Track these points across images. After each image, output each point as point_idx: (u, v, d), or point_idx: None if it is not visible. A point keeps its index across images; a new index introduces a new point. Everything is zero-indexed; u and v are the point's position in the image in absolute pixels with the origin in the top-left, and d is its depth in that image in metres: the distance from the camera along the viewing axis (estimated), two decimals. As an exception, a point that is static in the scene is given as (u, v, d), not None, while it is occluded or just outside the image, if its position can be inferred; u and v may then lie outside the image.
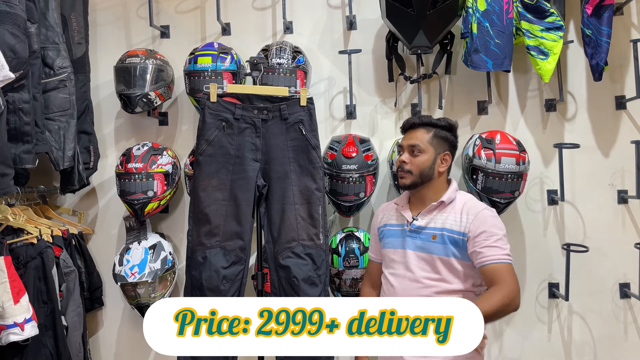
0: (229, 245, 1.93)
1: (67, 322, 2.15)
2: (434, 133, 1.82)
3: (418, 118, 1.86)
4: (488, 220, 1.70)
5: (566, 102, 2.40)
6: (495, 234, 1.67)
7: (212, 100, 1.96)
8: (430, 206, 1.79)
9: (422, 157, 1.79)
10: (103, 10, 2.62)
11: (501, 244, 1.66)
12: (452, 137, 1.85)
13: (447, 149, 1.83)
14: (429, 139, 1.81)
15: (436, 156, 1.81)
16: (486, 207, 1.76)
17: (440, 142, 1.82)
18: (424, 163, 1.79)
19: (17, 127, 1.87)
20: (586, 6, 2.14)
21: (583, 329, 2.39)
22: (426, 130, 1.82)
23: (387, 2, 2.15)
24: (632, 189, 2.31)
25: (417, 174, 1.79)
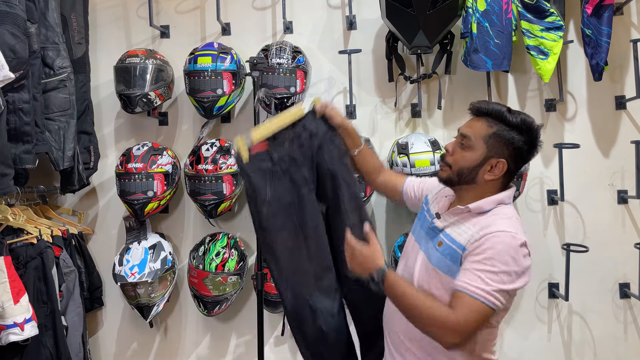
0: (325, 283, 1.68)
1: (67, 322, 2.15)
2: (497, 130, 1.39)
3: (487, 105, 1.43)
4: (497, 246, 1.32)
5: (566, 102, 2.40)
6: (492, 264, 1.30)
7: (246, 160, 1.64)
8: (456, 209, 1.44)
9: (467, 154, 1.41)
10: (103, 10, 2.62)
11: (489, 277, 1.29)
12: (522, 142, 1.39)
13: (505, 156, 1.38)
14: (485, 135, 1.39)
15: (486, 159, 1.39)
16: (510, 232, 1.35)
17: (498, 143, 1.38)
18: (465, 161, 1.41)
19: (17, 127, 1.87)
20: (586, 6, 2.14)
21: (583, 329, 2.38)
22: (489, 123, 1.40)
23: (387, 2, 2.15)
24: (632, 189, 2.31)
25: (454, 171, 1.43)
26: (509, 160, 1.39)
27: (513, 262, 1.33)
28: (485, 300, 1.28)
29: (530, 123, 1.40)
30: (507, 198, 1.44)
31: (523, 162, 1.45)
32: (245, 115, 2.53)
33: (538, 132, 1.41)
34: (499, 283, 1.29)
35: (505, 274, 1.31)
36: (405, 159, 2.16)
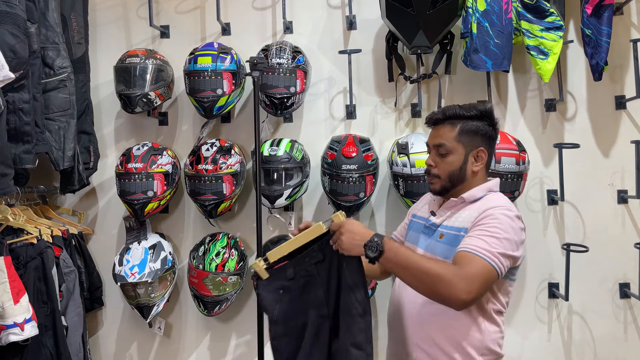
0: None
1: (67, 322, 2.15)
2: (461, 128, 1.50)
3: (440, 111, 1.55)
4: (499, 217, 1.38)
5: (566, 102, 2.40)
6: (492, 230, 1.35)
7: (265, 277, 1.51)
8: (450, 202, 1.53)
9: (450, 159, 1.51)
10: (103, 10, 2.62)
11: (490, 239, 1.33)
12: (487, 126, 1.52)
13: (481, 144, 1.51)
14: (455, 135, 1.50)
15: (467, 154, 1.50)
16: (508, 208, 1.43)
17: (470, 137, 1.50)
18: (452, 165, 1.51)
19: (17, 127, 1.87)
20: (586, 6, 2.14)
21: (583, 329, 2.38)
22: (451, 125, 1.51)
23: (387, 2, 2.15)
24: (632, 189, 2.31)
25: (445, 178, 1.52)
26: (484, 145, 1.52)
27: (512, 231, 1.38)
28: (490, 260, 1.30)
29: (483, 107, 1.53)
30: (494, 186, 1.54)
31: (494, 141, 1.57)
32: (245, 115, 2.53)
33: (491, 110, 1.54)
34: (502, 248, 1.33)
35: (507, 240, 1.35)
36: (405, 159, 2.16)
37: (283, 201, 2.26)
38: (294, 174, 2.29)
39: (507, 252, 1.35)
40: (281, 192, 2.24)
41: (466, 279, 1.27)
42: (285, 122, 2.51)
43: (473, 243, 1.33)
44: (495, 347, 1.48)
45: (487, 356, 1.46)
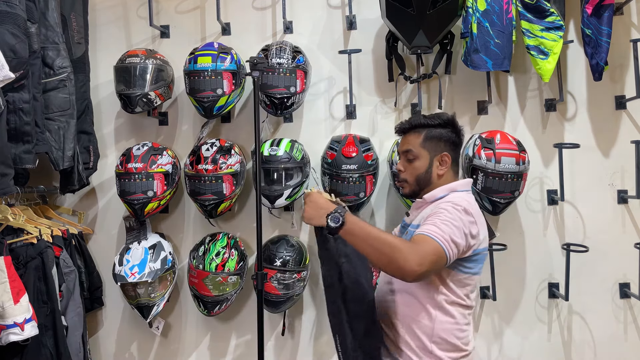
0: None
1: (67, 322, 2.15)
2: (425, 135, 1.64)
3: (407, 121, 1.70)
4: (447, 207, 1.49)
5: (566, 102, 2.40)
6: (442, 218, 1.45)
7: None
8: (416, 203, 1.67)
9: (416, 164, 1.64)
10: (103, 10, 2.62)
11: (441, 225, 1.42)
12: (450, 133, 1.65)
13: (445, 149, 1.64)
14: (420, 142, 1.64)
15: (432, 159, 1.64)
16: (458, 203, 1.51)
17: (434, 143, 1.64)
18: (418, 169, 1.64)
19: (17, 127, 1.86)
20: (586, 6, 2.14)
21: (583, 329, 2.38)
22: (417, 133, 1.66)
23: (387, 2, 2.15)
24: (632, 189, 2.31)
25: (413, 182, 1.66)
26: (448, 150, 1.64)
27: (460, 221, 1.46)
28: (441, 242, 1.40)
29: (445, 116, 1.67)
30: (459, 186, 1.63)
31: (458, 147, 1.69)
32: (245, 115, 2.53)
33: (454, 119, 1.68)
34: (452, 234, 1.42)
35: (456, 228, 1.44)
36: (405, 159, 2.17)
37: (283, 201, 2.26)
38: (294, 174, 2.29)
39: (456, 238, 1.43)
40: (281, 192, 2.24)
41: (419, 254, 1.36)
42: (285, 122, 2.51)
43: (427, 228, 1.43)
44: (453, 339, 1.56)
45: (441, 345, 1.55)
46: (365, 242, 1.40)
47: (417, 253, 1.36)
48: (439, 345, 1.55)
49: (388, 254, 1.36)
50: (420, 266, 1.35)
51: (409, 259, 1.34)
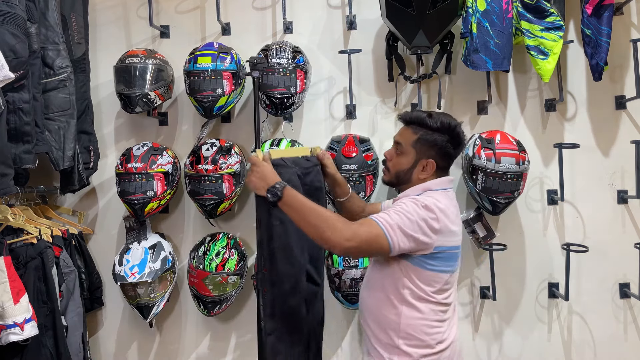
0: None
1: (67, 322, 2.15)
2: (421, 135, 1.61)
3: (410, 115, 1.66)
4: (407, 202, 1.53)
5: (566, 102, 2.40)
6: (396, 209, 1.50)
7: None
8: (394, 199, 1.71)
9: (401, 159, 1.64)
10: (103, 10, 2.62)
11: (392, 214, 1.48)
12: (446, 142, 1.60)
13: (432, 156, 1.60)
14: (413, 141, 1.62)
15: (417, 161, 1.62)
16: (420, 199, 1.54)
17: (425, 146, 1.61)
18: (401, 165, 1.64)
19: (17, 127, 1.87)
20: (586, 6, 2.14)
21: (583, 329, 2.39)
22: (414, 130, 1.63)
23: (387, 2, 2.15)
24: (632, 189, 2.31)
25: (393, 174, 1.67)
26: (436, 158, 1.61)
27: (417, 215, 1.49)
28: (383, 226, 1.46)
29: (449, 123, 1.61)
30: (434, 185, 1.61)
31: (452, 158, 1.66)
32: (245, 115, 2.53)
33: (457, 129, 1.62)
34: (401, 223, 1.47)
35: (408, 220, 1.47)
36: (405, 159, 2.17)
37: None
38: (294, 174, 2.29)
39: (407, 229, 1.47)
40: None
41: (353, 231, 1.45)
42: (285, 122, 2.51)
43: (377, 215, 1.50)
44: (421, 335, 1.56)
45: (409, 341, 1.56)
46: (300, 215, 1.50)
47: (351, 230, 1.45)
48: (405, 341, 1.56)
49: (320, 226, 1.46)
50: (349, 241, 1.44)
51: (341, 232, 1.44)
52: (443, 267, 1.57)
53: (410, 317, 1.56)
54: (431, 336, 1.57)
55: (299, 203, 1.52)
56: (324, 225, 1.46)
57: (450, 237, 1.56)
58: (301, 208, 1.51)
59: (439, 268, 1.56)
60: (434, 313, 1.58)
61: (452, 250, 1.58)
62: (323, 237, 1.46)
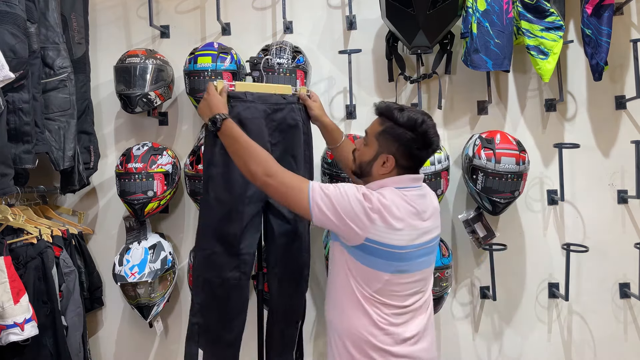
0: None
1: (67, 322, 2.15)
2: (385, 128, 1.53)
3: (381, 106, 1.58)
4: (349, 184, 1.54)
5: (566, 102, 2.40)
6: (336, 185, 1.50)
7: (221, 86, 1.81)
8: None
9: (365, 150, 1.58)
10: (103, 10, 2.62)
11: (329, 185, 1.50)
12: (411, 141, 1.51)
13: (393, 152, 1.52)
14: (377, 133, 1.55)
15: (377, 155, 1.54)
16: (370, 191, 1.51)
17: (387, 141, 1.53)
18: (363, 156, 1.58)
19: (17, 127, 1.86)
20: (586, 6, 2.14)
21: (583, 329, 2.39)
22: (381, 122, 1.56)
23: (387, 2, 2.15)
24: (632, 189, 2.31)
25: (357, 165, 1.62)
26: (397, 156, 1.52)
27: (346, 197, 1.46)
28: (311, 186, 1.48)
29: (415, 120, 1.50)
30: (391, 182, 1.54)
31: (416, 158, 1.55)
32: (245, 115, 2.52)
33: (423, 127, 1.50)
34: (331, 194, 1.46)
35: (341, 195, 1.46)
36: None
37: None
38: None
39: (334, 201, 1.46)
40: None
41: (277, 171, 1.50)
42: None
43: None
44: (368, 336, 1.50)
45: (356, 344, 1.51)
46: (233, 147, 1.56)
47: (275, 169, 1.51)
48: (353, 344, 1.52)
49: (248, 159, 1.52)
50: (269, 177, 1.49)
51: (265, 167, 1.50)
52: (380, 265, 1.49)
53: (352, 316, 1.52)
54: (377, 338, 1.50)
55: (234, 136, 1.56)
56: (252, 159, 1.52)
57: (388, 233, 1.47)
58: (236, 140, 1.56)
59: (374, 265, 1.49)
60: (379, 316, 1.51)
61: (390, 249, 1.48)
62: (249, 168, 1.52)
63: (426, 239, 1.56)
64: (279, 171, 1.52)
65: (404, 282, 1.53)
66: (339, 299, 1.58)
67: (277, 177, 1.50)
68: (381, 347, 1.50)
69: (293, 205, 1.53)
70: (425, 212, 1.56)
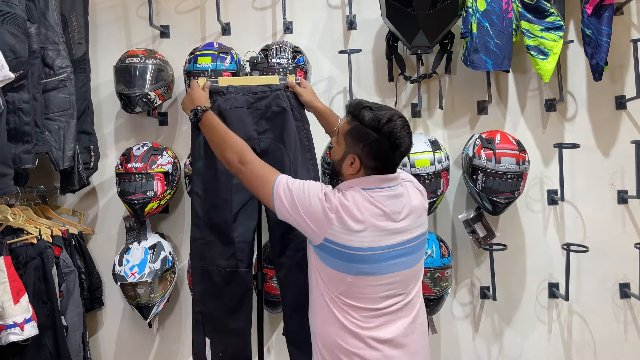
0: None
1: (67, 322, 2.15)
2: (352, 127, 1.49)
3: (351, 103, 1.53)
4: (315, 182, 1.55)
5: (566, 102, 2.40)
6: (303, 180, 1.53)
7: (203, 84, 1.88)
8: None
9: (335, 149, 1.56)
10: (103, 10, 2.62)
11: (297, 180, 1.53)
12: (374, 139, 1.45)
13: (359, 152, 1.47)
14: (345, 132, 1.51)
15: (345, 155, 1.51)
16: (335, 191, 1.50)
17: (353, 140, 1.48)
18: (334, 155, 1.56)
19: (17, 127, 1.86)
20: (586, 6, 2.14)
21: (583, 329, 2.39)
22: (349, 121, 1.52)
23: (387, 2, 2.15)
24: (632, 189, 2.31)
25: (332, 164, 1.60)
26: (362, 156, 1.47)
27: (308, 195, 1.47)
28: (278, 178, 1.52)
29: (379, 119, 1.43)
30: (357, 183, 1.50)
31: (382, 159, 1.48)
32: (245, 115, 2.52)
33: (387, 128, 1.43)
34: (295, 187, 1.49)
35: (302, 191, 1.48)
36: (405, 159, 2.16)
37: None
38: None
39: (294, 196, 1.48)
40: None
41: (250, 161, 1.55)
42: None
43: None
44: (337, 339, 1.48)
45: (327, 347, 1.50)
46: (211, 136, 1.65)
47: (249, 158, 1.56)
48: (325, 346, 1.52)
49: (225, 147, 1.59)
50: (242, 164, 1.55)
51: (240, 155, 1.56)
52: (340, 266, 1.47)
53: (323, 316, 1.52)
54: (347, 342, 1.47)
55: (213, 125, 1.64)
56: (228, 147, 1.58)
57: (346, 234, 1.44)
58: (215, 130, 1.64)
59: (336, 266, 1.47)
60: (346, 319, 1.48)
61: (349, 251, 1.45)
62: (225, 157, 1.59)
63: (400, 240, 1.49)
64: (253, 161, 1.56)
65: (373, 284, 1.48)
66: (312, 300, 1.59)
67: (249, 165, 1.55)
68: (351, 350, 1.46)
69: (261, 196, 1.57)
70: (399, 213, 1.49)
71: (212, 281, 1.83)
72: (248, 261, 1.88)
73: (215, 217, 1.85)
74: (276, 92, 1.87)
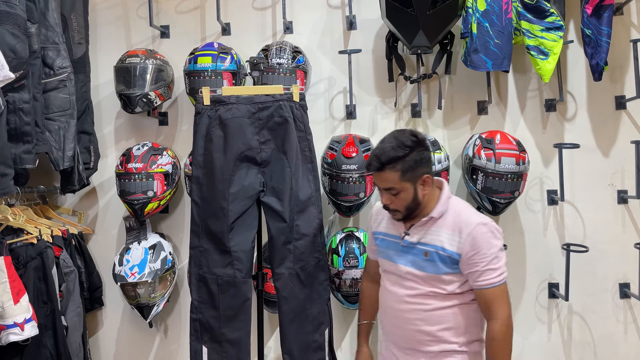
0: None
1: (67, 322, 2.15)
2: (402, 168, 1.61)
3: (378, 160, 1.64)
4: (481, 238, 1.60)
5: (566, 102, 2.40)
6: (489, 254, 1.59)
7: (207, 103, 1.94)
8: (421, 222, 1.69)
9: (402, 196, 1.64)
10: (103, 10, 2.62)
11: (495, 263, 1.59)
12: (421, 154, 1.64)
13: (424, 171, 1.65)
14: (399, 177, 1.62)
15: (416, 187, 1.64)
16: (480, 221, 1.63)
17: (412, 172, 1.62)
18: (405, 200, 1.65)
19: (17, 127, 1.87)
20: (586, 6, 2.14)
21: (583, 329, 2.39)
22: (392, 169, 1.62)
23: (387, 2, 2.15)
24: (632, 189, 2.31)
25: (403, 211, 1.68)
26: (425, 170, 1.65)
27: (496, 240, 1.62)
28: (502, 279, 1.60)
29: (410, 140, 1.63)
30: (446, 189, 1.72)
31: (431, 161, 1.73)
32: (245, 115, 2.52)
33: (418, 139, 1.64)
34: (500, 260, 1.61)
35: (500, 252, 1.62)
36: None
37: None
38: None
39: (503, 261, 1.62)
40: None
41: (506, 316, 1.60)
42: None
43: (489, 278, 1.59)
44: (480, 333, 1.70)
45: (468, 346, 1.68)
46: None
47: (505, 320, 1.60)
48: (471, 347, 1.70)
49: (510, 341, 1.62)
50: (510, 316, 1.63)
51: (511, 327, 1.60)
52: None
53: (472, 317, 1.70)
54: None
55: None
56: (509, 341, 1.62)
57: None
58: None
59: None
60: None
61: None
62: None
63: None
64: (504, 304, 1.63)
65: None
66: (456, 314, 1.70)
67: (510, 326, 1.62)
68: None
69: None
70: None
71: (209, 289, 1.85)
72: (246, 271, 1.88)
73: (211, 225, 1.87)
74: (279, 103, 1.89)
